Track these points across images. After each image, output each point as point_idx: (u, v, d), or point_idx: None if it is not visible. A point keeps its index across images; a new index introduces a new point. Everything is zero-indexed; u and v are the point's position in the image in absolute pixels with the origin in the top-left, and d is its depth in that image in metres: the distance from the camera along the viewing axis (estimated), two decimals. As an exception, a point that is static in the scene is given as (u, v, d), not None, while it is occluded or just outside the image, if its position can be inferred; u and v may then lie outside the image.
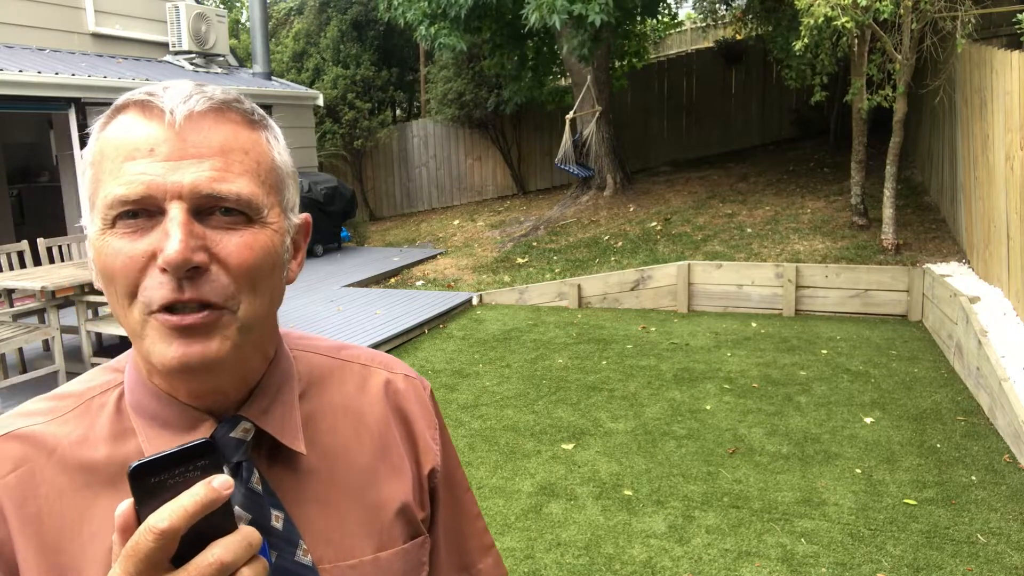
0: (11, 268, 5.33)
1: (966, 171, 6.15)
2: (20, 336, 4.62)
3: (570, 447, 4.10)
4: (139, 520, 0.52)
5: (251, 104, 0.68)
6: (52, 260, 5.70)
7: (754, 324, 6.42)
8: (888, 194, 6.73)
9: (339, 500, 0.72)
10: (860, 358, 5.34)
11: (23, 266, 5.70)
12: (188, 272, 0.60)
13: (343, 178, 13.32)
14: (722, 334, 6.16)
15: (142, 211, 0.61)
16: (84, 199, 0.66)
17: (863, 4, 5.87)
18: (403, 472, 0.77)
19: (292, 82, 11.82)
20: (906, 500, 3.37)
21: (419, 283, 8.37)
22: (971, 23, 5.89)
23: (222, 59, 10.01)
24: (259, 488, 0.66)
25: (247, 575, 0.53)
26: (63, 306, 5.11)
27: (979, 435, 4.00)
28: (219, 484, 0.53)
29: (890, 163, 6.72)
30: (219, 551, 0.52)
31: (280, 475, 0.69)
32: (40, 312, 5.31)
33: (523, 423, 4.46)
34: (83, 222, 0.67)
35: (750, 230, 7.85)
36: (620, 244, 8.29)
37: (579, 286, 7.32)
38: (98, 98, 7.30)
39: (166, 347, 0.61)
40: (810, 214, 7.99)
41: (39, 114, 9.00)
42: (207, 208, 0.62)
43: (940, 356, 5.32)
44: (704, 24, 12.48)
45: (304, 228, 0.74)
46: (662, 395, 4.82)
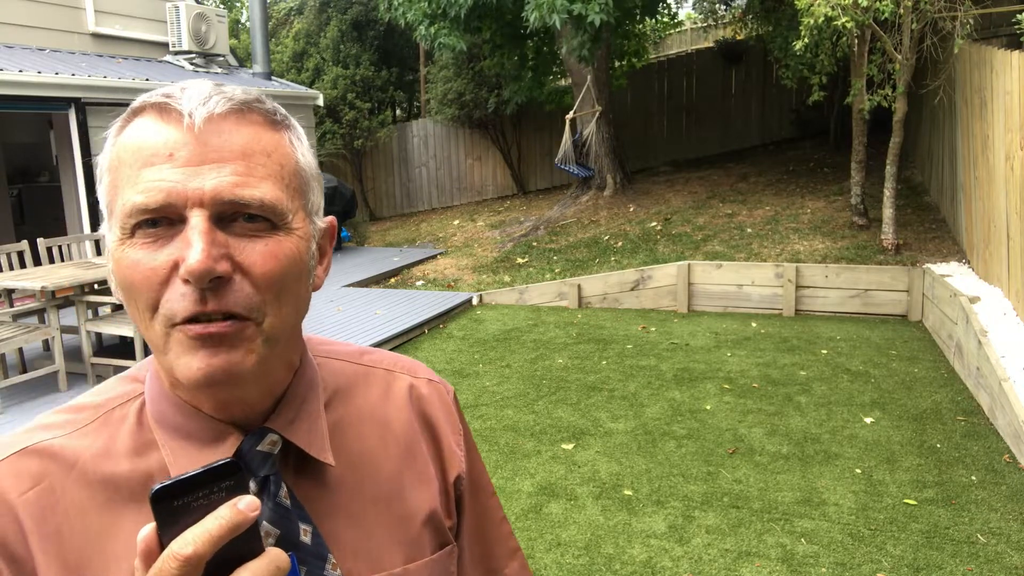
0: (11, 268, 5.33)
1: (966, 171, 6.15)
2: (20, 336, 4.62)
3: (570, 447, 4.10)
4: (162, 545, 0.50)
5: (273, 104, 0.65)
6: (52, 260, 5.70)
7: (754, 324, 6.42)
8: (888, 194, 6.73)
9: (367, 511, 0.70)
10: (860, 358, 5.34)
11: (23, 266, 5.70)
12: (211, 283, 0.57)
13: (343, 178, 13.33)
14: (722, 334, 6.16)
15: (162, 219, 0.59)
16: (102, 207, 0.64)
17: (863, 4, 5.87)
18: (430, 480, 0.75)
19: (292, 82, 11.82)
20: (906, 500, 3.37)
21: (419, 283, 8.37)
22: (970, 23, 5.89)
23: (222, 59, 10.00)
24: (287, 502, 0.65)
25: None
26: (63, 306, 5.11)
27: (979, 435, 4.00)
28: (245, 506, 0.51)
29: (890, 163, 6.72)
30: None
31: (307, 487, 0.68)
32: (40, 312, 5.31)
33: (523, 423, 4.46)
34: (102, 230, 0.65)
35: (750, 230, 7.85)
36: (620, 244, 8.29)
37: (579, 286, 7.32)
38: (98, 98, 7.30)
39: (190, 359, 0.59)
40: (810, 214, 7.99)
41: (39, 114, 9.00)
42: (229, 215, 0.60)
43: (940, 356, 5.32)
44: (704, 24, 12.50)
45: (330, 232, 0.71)
46: (662, 395, 4.82)
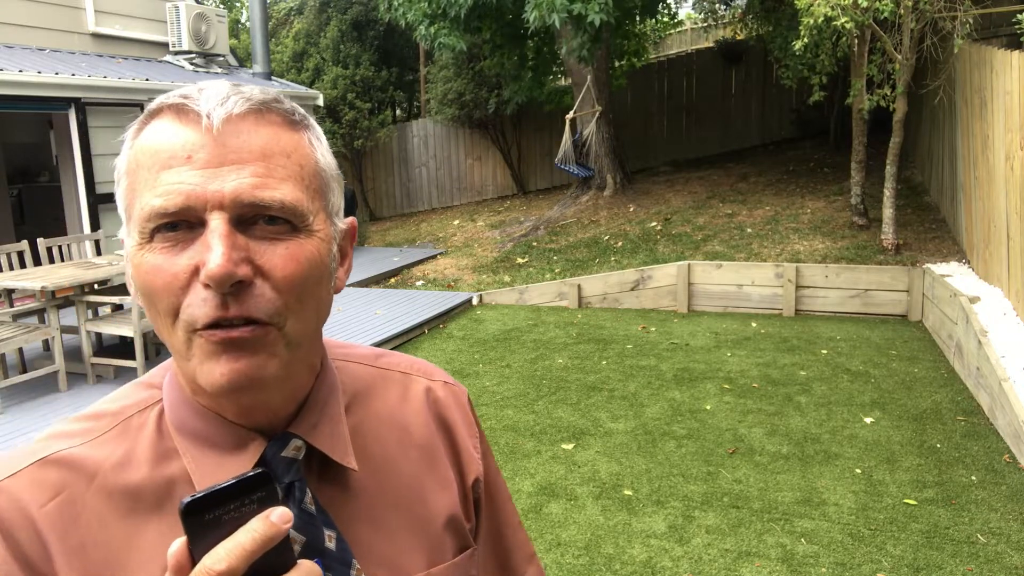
0: (11, 268, 5.33)
1: (966, 171, 6.15)
2: (20, 336, 4.62)
3: (570, 447, 4.10)
4: (193, 560, 0.48)
5: (291, 104, 0.64)
6: (52, 260, 5.70)
7: (754, 324, 6.42)
8: (888, 194, 6.73)
9: (389, 516, 0.70)
10: (860, 358, 5.34)
11: (23, 266, 5.70)
12: (232, 287, 0.57)
13: (343, 178, 13.31)
14: (722, 334, 6.16)
15: (181, 223, 0.58)
16: (120, 210, 0.63)
17: (863, 4, 5.87)
18: (449, 483, 0.75)
19: (292, 82, 11.82)
20: (906, 500, 3.37)
21: (419, 283, 8.37)
22: (970, 23, 5.89)
23: (222, 59, 10.00)
24: (312, 508, 0.64)
25: None
26: (63, 306, 5.11)
27: (979, 435, 4.00)
28: (278, 518, 0.50)
29: (890, 163, 6.72)
30: None
31: (330, 493, 0.67)
32: (40, 312, 5.31)
33: (523, 423, 4.46)
34: (120, 234, 0.64)
35: (750, 230, 7.85)
36: (620, 244, 8.29)
37: (579, 286, 7.32)
38: (98, 98, 7.30)
39: (213, 365, 0.58)
40: (810, 214, 7.99)
41: (39, 114, 9.00)
42: (249, 217, 0.59)
43: (940, 356, 5.32)
44: (704, 24, 12.50)
45: (350, 233, 0.71)
46: (662, 395, 4.82)
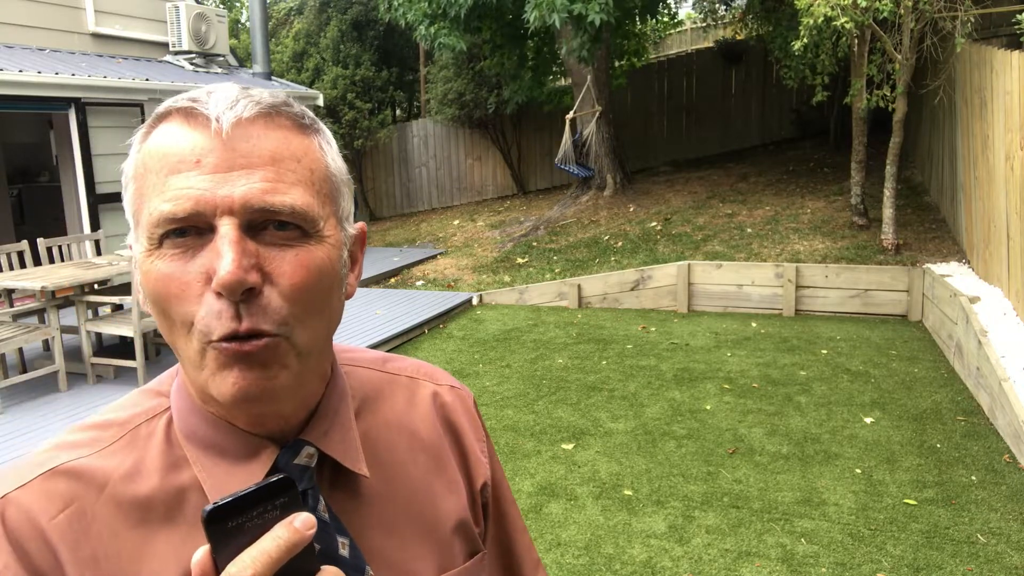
0: (11, 268, 5.33)
1: (966, 171, 6.15)
2: (20, 336, 4.62)
3: (570, 447, 4.10)
4: (217, 569, 0.48)
5: (301, 107, 0.64)
6: (52, 260, 5.70)
7: (754, 324, 6.42)
8: (888, 194, 6.73)
9: (400, 522, 0.70)
10: (860, 358, 5.34)
11: (23, 266, 5.70)
12: (243, 294, 0.56)
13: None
14: (722, 334, 6.16)
15: (190, 229, 0.57)
16: (128, 215, 0.63)
17: (863, 4, 5.87)
18: (458, 488, 0.75)
19: (292, 82, 11.82)
20: (906, 500, 3.37)
21: (419, 283, 8.37)
22: (971, 23, 5.89)
23: (222, 59, 10.00)
24: (326, 516, 0.64)
25: None
26: (63, 306, 5.11)
27: (979, 435, 4.00)
28: (301, 524, 0.50)
29: (890, 163, 6.72)
30: None
31: (342, 499, 0.67)
32: (40, 312, 5.31)
33: (523, 423, 4.46)
34: (128, 240, 0.64)
35: (750, 230, 7.85)
36: (620, 244, 8.29)
37: (579, 286, 7.32)
38: (98, 98, 7.30)
39: (225, 377, 0.57)
40: (810, 214, 7.99)
41: (39, 114, 9.00)
42: (260, 223, 0.58)
43: (940, 356, 5.32)
44: (704, 24, 12.48)
45: (360, 238, 0.70)
46: (662, 395, 4.82)
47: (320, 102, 10.70)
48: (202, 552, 0.48)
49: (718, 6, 11.47)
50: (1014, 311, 4.78)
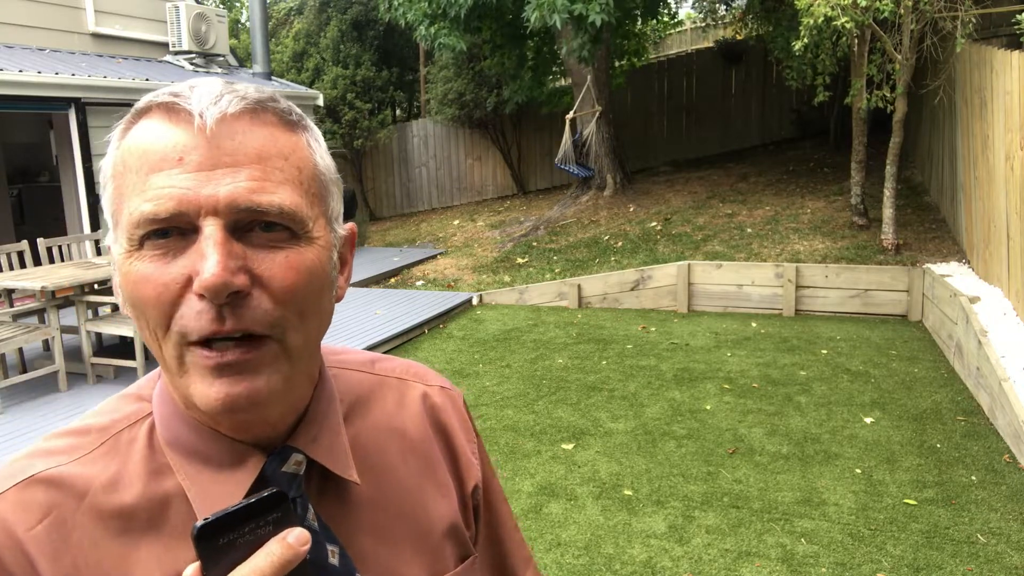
0: (11, 268, 5.33)
1: (966, 171, 6.15)
2: (20, 336, 4.62)
3: (570, 447, 4.10)
4: None
5: (288, 103, 0.61)
6: (52, 260, 5.70)
7: (754, 324, 6.42)
8: (888, 194, 6.73)
9: (391, 527, 0.68)
10: (860, 358, 5.34)
11: (23, 266, 5.70)
12: (228, 298, 0.54)
13: (343, 178, 13.30)
14: (722, 334, 6.16)
15: (173, 229, 0.55)
16: (107, 216, 0.60)
17: (863, 4, 5.87)
18: (448, 491, 0.74)
19: (292, 82, 11.82)
20: (906, 500, 3.37)
21: (419, 283, 8.37)
22: (971, 23, 5.89)
23: (222, 59, 10.00)
24: (315, 524, 0.62)
25: None
26: (63, 306, 5.11)
27: (979, 435, 4.00)
28: (295, 540, 0.49)
29: (890, 163, 6.72)
30: None
31: (331, 506, 0.65)
32: (40, 312, 5.31)
33: (523, 423, 4.46)
34: (107, 241, 0.61)
35: (750, 230, 7.85)
36: (620, 244, 8.29)
37: (579, 286, 7.32)
38: (98, 98, 7.29)
39: (208, 387, 0.55)
40: (810, 214, 7.99)
41: (39, 114, 9.00)
42: (246, 224, 0.56)
43: (940, 356, 5.32)
44: (704, 24, 12.48)
45: (350, 239, 0.68)
46: (662, 395, 4.82)
47: (320, 102, 10.70)
48: (193, 569, 0.47)
49: (718, 6, 11.47)
50: (1014, 311, 4.78)
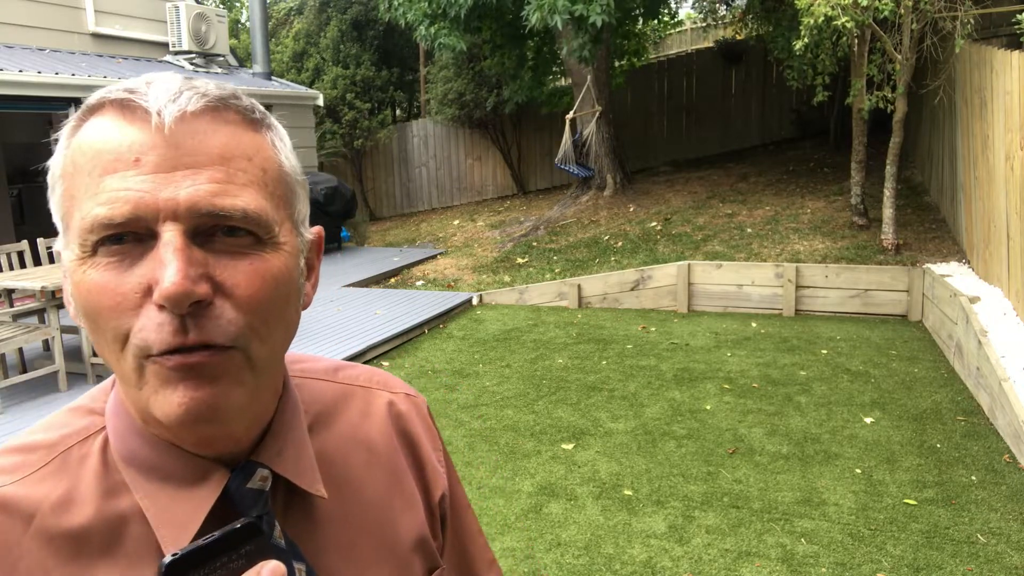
0: (11, 268, 5.33)
1: (966, 171, 6.15)
2: (20, 336, 4.62)
3: (570, 447, 4.10)
4: None
5: (251, 100, 0.59)
6: (52, 260, 5.70)
7: (754, 324, 6.42)
8: (888, 194, 6.73)
9: (358, 543, 0.66)
10: (860, 358, 5.34)
11: (23, 266, 5.70)
12: (190, 307, 0.51)
13: (343, 178, 13.34)
14: (722, 334, 6.16)
15: (128, 235, 0.52)
16: (56, 219, 0.56)
17: (863, 4, 5.87)
18: (415, 502, 0.72)
19: (292, 82, 11.83)
20: (906, 500, 3.37)
21: (419, 283, 8.37)
22: (971, 23, 5.89)
23: (222, 59, 10.01)
24: (282, 542, 0.59)
25: None
26: (63, 306, 5.10)
27: (979, 435, 4.00)
28: (269, 574, 0.47)
29: (890, 163, 6.72)
30: None
31: (297, 522, 0.62)
32: (40, 312, 5.31)
33: (523, 423, 4.46)
34: (57, 246, 0.57)
35: (750, 230, 7.85)
36: (620, 244, 8.29)
37: (579, 286, 7.32)
38: (98, 98, 7.29)
39: (169, 395, 0.52)
40: (810, 214, 7.99)
41: (39, 114, 9.00)
42: (207, 228, 0.53)
43: (940, 356, 5.32)
44: (704, 24, 12.48)
45: (317, 244, 0.65)
46: (662, 395, 4.82)
47: (320, 102, 10.71)
48: None
49: (718, 6, 11.47)
50: (1014, 311, 4.78)
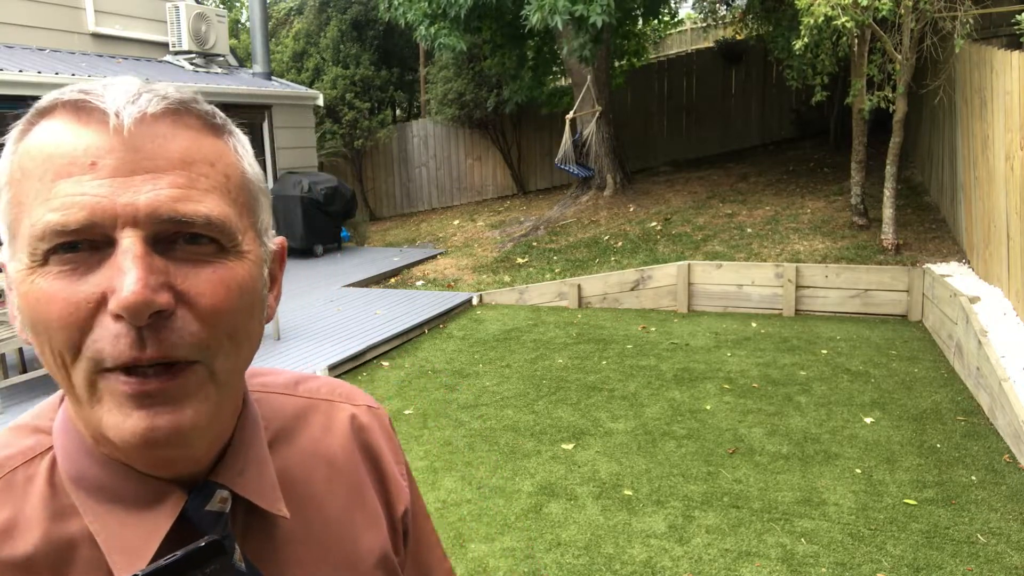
0: (11, 268, 5.32)
1: (966, 171, 6.15)
2: (20, 336, 4.62)
3: (570, 447, 4.10)
4: None
5: (210, 106, 0.56)
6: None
7: (754, 324, 6.42)
8: (888, 194, 6.73)
9: (321, 563, 0.64)
10: (860, 358, 5.34)
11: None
12: (150, 318, 0.48)
13: (343, 178, 13.34)
14: (722, 334, 6.16)
15: (84, 242, 0.49)
16: (2, 228, 0.53)
17: (863, 4, 5.87)
18: (378, 518, 0.70)
19: (292, 82, 11.83)
20: (906, 500, 3.37)
21: (419, 283, 8.37)
22: (970, 23, 5.89)
23: (222, 59, 10.01)
24: (242, 566, 0.56)
25: None
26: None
27: (979, 435, 4.00)
28: None
29: (890, 163, 6.72)
30: None
31: (257, 543, 0.59)
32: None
33: (523, 423, 4.46)
34: (2, 257, 0.54)
35: (750, 230, 7.85)
36: (620, 244, 8.29)
37: (579, 286, 7.32)
38: (98, 98, 7.30)
39: (124, 418, 0.49)
40: (810, 214, 7.99)
41: (39, 114, 8.99)
42: (168, 236, 0.50)
43: (940, 356, 5.32)
44: (704, 24, 12.48)
45: (280, 255, 0.62)
46: (662, 395, 4.82)
47: (320, 102, 10.71)
48: None
49: (718, 6, 11.47)
50: (1014, 311, 4.78)
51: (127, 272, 0.47)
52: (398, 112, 15.85)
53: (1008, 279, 4.96)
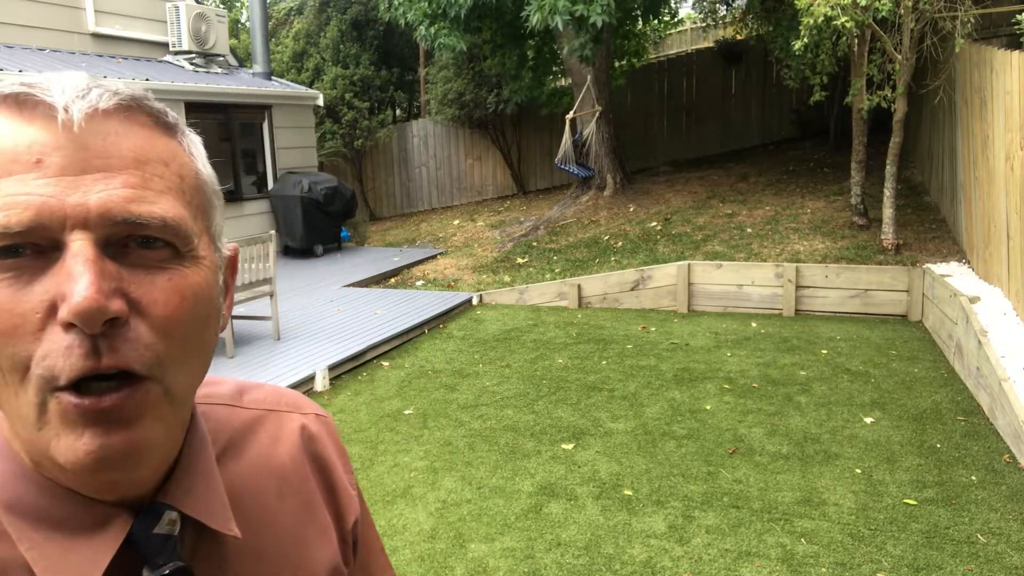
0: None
1: (966, 171, 6.15)
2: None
3: (570, 447, 4.10)
4: None
5: (162, 104, 0.54)
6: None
7: (754, 324, 6.42)
8: (888, 194, 6.73)
9: None
10: (860, 358, 5.34)
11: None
12: (103, 326, 0.45)
13: (343, 178, 13.34)
14: (722, 334, 6.16)
15: (28, 246, 0.45)
16: None
17: (863, 4, 5.87)
18: (328, 531, 0.68)
19: (292, 82, 11.83)
20: (906, 500, 3.37)
21: (419, 283, 8.37)
22: (970, 23, 5.89)
23: (222, 59, 10.01)
24: None
25: None
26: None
27: (979, 435, 4.00)
28: None
29: (890, 163, 6.73)
30: None
31: (206, 565, 0.57)
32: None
33: (523, 423, 4.46)
34: None
35: (750, 230, 7.85)
36: (620, 244, 8.29)
37: (579, 286, 7.32)
38: (98, 98, 7.30)
39: (75, 438, 0.46)
40: (810, 214, 7.99)
41: (39, 114, 8.99)
42: (120, 239, 0.47)
43: (940, 356, 5.32)
44: (704, 24, 12.48)
45: (232, 262, 0.59)
46: (662, 395, 4.82)
47: (320, 102, 10.71)
48: None
49: (718, 6, 11.47)
50: (1014, 311, 4.78)
51: (78, 277, 0.44)
52: (398, 112, 15.86)
53: (1008, 279, 4.96)
